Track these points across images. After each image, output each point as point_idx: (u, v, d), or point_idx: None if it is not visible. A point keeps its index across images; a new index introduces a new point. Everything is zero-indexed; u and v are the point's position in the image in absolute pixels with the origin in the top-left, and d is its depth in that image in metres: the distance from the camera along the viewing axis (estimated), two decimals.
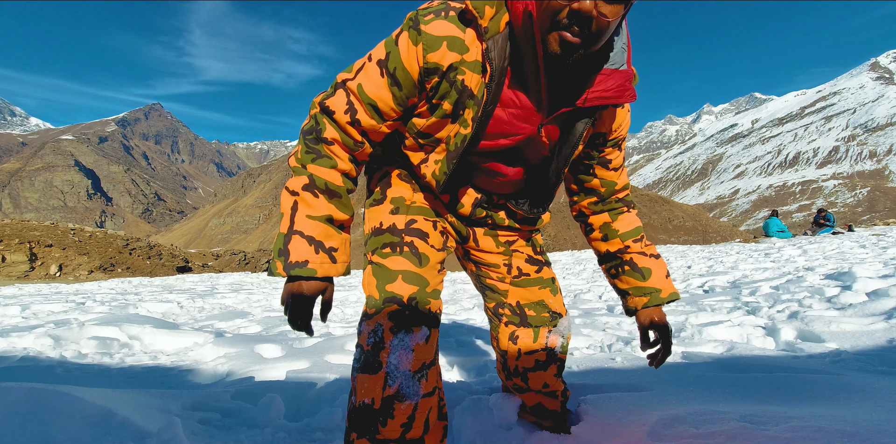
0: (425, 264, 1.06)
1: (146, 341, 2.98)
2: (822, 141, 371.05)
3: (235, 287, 8.46)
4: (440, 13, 0.91)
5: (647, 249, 1.23)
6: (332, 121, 0.98)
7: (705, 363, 2.04)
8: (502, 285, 1.26)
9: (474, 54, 0.91)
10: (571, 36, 0.81)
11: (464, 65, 0.92)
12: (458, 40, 0.90)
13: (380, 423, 0.94)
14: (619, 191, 1.22)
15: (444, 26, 0.90)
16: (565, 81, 0.94)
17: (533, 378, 1.26)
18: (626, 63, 0.95)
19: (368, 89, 0.95)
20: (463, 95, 0.94)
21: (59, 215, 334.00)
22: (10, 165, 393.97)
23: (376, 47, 0.98)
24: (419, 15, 0.92)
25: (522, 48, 0.92)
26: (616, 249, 1.23)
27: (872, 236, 9.62)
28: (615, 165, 1.18)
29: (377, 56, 0.95)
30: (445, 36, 0.90)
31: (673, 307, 3.53)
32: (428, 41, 0.90)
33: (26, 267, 16.28)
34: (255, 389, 1.84)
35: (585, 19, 0.80)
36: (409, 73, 0.93)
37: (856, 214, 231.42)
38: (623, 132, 1.13)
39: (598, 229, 1.24)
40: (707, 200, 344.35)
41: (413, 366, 0.97)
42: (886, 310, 2.56)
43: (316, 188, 0.96)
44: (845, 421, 1.07)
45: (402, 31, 0.93)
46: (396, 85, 0.94)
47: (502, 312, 1.27)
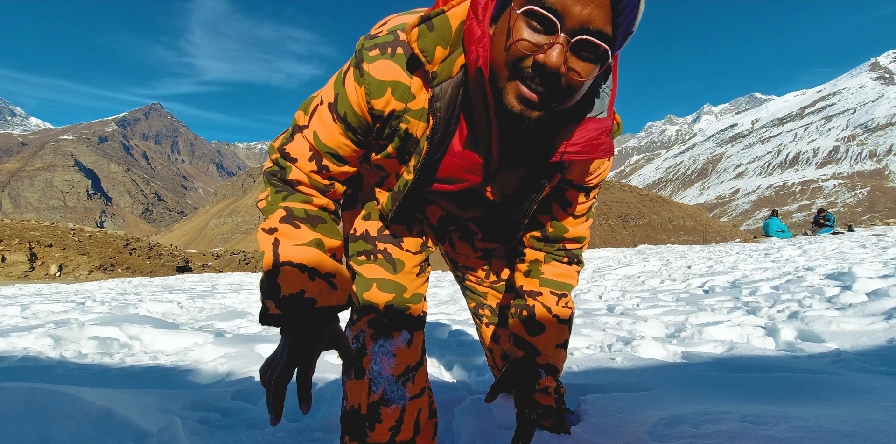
0: (400, 269, 1.04)
1: (146, 341, 2.98)
2: (822, 141, 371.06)
3: (235, 287, 8.46)
4: (386, 50, 0.78)
5: (559, 309, 1.06)
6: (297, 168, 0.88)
7: (705, 363, 2.04)
8: (481, 288, 1.25)
9: (421, 101, 0.80)
10: (529, 90, 0.67)
11: (408, 113, 0.81)
12: (403, 87, 0.79)
13: (367, 428, 0.95)
14: (567, 240, 1.06)
15: (389, 69, 0.78)
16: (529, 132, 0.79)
17: None
18: (605, 110, 0.80)
19: (325, 138, 0.84)
20: (407, 143, 0.85)
21: (59, 215, 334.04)
22: (10, 165, 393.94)
23: (328, 84, 0.87)
24: (364, 48, 0.79)
25: (473, 98, 0.80)
26: (529, 289, 1.08)
27: (872, 235, 9.62)
28: (575, 212, 1.02)
29: (327, 98, 0.85)
30: (389, 81, 0.78)
31: (673, 307, 3.53)
32: (371, 86, 0.78)
33: (26, 267, 16.28)
34: (255, 389, 1.84)
35: (552, 75, 0.65)
36: (359, 116, 0.83)
37: (856, 214, 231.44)
38: (596, 181, 0.99)
39: (528, 262, 1.11)
40: (707, 200, 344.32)
41: (396, 371, 0.97)
42: (886, 310, 2.56)
43: (295, 219, 0.85)
44: (845, 421, 1.07)
45: (349, 67, 0.82)
46: (351, 130, 0.84)
47: (482, 313, 1.28)
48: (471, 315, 1.35)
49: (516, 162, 0.88)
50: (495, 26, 0.71)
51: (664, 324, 2.96)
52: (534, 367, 1.04)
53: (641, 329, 2.85)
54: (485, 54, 0.71)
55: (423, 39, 0.74)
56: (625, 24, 0.65)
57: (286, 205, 0.86)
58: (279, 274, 0.82)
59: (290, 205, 0.87)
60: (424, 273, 1.10)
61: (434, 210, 1.09)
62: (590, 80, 0.67)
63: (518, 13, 0.65)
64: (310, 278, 0.83)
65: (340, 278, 0.88)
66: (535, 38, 0.64)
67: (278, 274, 0.82)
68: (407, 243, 1.07)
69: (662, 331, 2.86)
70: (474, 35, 0.72)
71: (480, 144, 0.85)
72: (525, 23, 0.64)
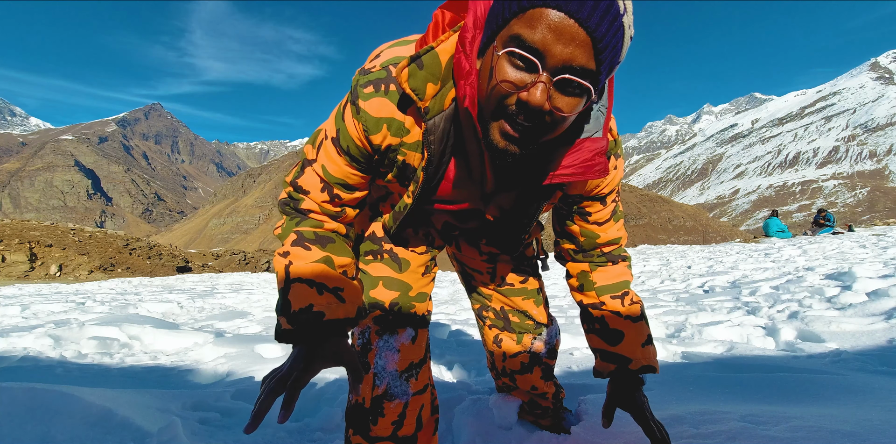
0: (406, 268, 1.07)
1: (146, 341, 2.98)
2: (822, 141, 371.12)
3: (235, 287, 8.46)
4: (380, 87, 0.81)
5: (627, 308, 1.06)
6: (309, 199, 0.92)
7: (705, 363, 2.04)
8: (487, 290, 1.27)
9: (415, 135, 0.85)
10: (512, 129, 0.69)
11: (404, 146, 0.86)
12: (397, 123, 0.83)
13: (371, 421, 0.97)
14: (602, 245, 1.06)
15: (383, 106, 0.81)
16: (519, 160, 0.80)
17: (520, 380, 1.29)
18: (601, 129, 0.81)
19: (333, 170, 0.89)
20: (405, 171, 0.90)
21: (59, 215, 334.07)
22: (10, 165, 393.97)
23: (329, 119, 0.91)
24: (359, 85, 0.82)
25: (465, 129, 0.83)
26: (590, 302, 1.09)
27: (872, 235, 9.62)
28: (596, 219, 1.02)
29: (330, 133, 0.89)
30: (384, 118, 0.82)
31: (673, 307, 3.53)
32: (367, 123, 0.82)
33: (26, 267, 16.29)
34: (255, 389, 1.84)
35: (536, 112, 0.66)
36: (361, 148, 0.87)
37: (856, 214, 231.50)
38: (607, 190, 0.98)
39: (576, 276, 1.12)
40: (707, 200, 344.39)
41: (400, 366, 0.99)
42: (886, 310, 2.56)
43: (305, 241, 0.90)
44: (845, 421, 1.07)
45: (346, 103, 0.86)
46: (356, 161, 0.89)
47: (486, 314, 1.29)
48: (474, 316, 1.35)
49: (510, 186, 0.91)
50: (481, 61, 0.72)
51: (664, 324, 2.96)
52: (632, 376, 1.05)
53: None
54: (472, 92, 0.73)
55: (414, 79, 0.77)
56: (609, 58, 0.65)
57: (298, 229, 0.91)
58: (290, 291, 0.86)
59: (301, 229, 0.91)
60: (430, 273, 1.12)
61: (438, 218, 1.12)
62: (575, 113, 0.68)
63: (499, 54, 0.65)
64: (318, 293, 0.86)
65: (349, 291, 0.90)
66: (517, 76, 0.65)
67: (289, 291, 0.86)
68: (413, 244, 1.10)
69: (662, 331, 2.86)
70: (463, 70, 0.73)
71: (474, 170, 0.89)
72: (508, 61, 0.65)
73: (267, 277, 13.10)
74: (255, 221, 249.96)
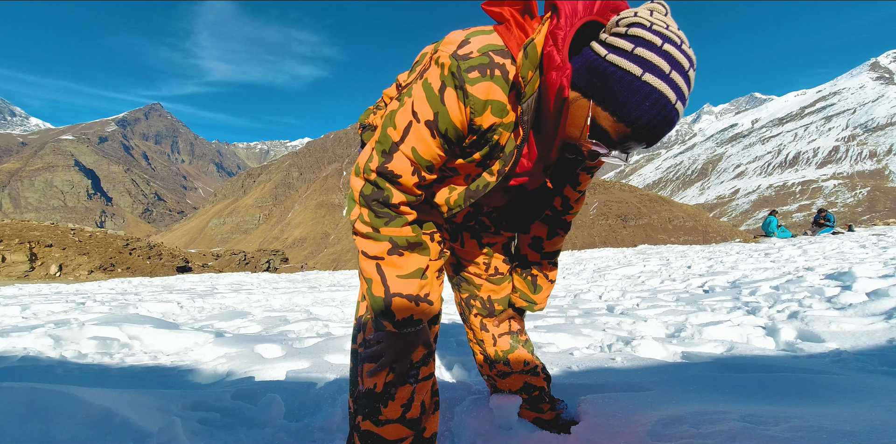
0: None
1: (146, 341, 2.98)
2: (822, 141, 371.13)
3: (235, 287, 8.47)
4: (485, 72, 0.88)
5: (550, 272, 1.38)
6: (398, 184, 0.97)
7: (705, 363, 2.04)
8: (478, 280, 1.38)
9: (512, 116, 0.94)
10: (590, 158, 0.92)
11: (501, 126, 0.94)
12: (501, 105, 0.91)
13: (381, 404, 1.05)
14: (570, 213, 1.30)
15: (490, 90, 0.89)
16: None
17: (514, 360, 1.37)
18: None
19: (424, 152, 0.95)
20: (495, 150, 0.98)
21: (59, 215, 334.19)
22: (10, 165, 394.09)
23: (418, 102, 0.94)
24: (462, 71, 0.88)
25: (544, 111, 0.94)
26: (533, 259, 1.36)
27: (872, 235, 9.62)
28: (581, 188, 1.27)
29: (424, 116, 0.93)
30: (490, 100, 0.90)
31: (673, 307, 3.53)
32: (475, 105, 0.90)
33: (26, 267, 16.29)
34: (255, 389, 1.84)
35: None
36: (459, 130, 0.94)
37: (856, 214, 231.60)
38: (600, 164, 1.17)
39: (531, 237, 1.35)
40: (707, 200, 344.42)
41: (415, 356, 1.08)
42: (886, 310, 2.56)
43: (400, 249, 0.99)
44: (845, 421, 1.07)
45: (447, 87, 0.90)
46: (448, 143, 0.95)
47: (473, 303, 1.39)
48: (458, 309, 1.47)
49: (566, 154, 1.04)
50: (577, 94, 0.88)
51: (664, 324, 2.96)
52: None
53: (641, 329, 2.85)
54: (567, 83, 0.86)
55: (524, 67, 0.87)
56: None
57: (388, 233, 0.99)
58: (392, 303, 1.00)
59: (392, 233, 0.99)
60: (441, 277, 1.22)
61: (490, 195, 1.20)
62: None
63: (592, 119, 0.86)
64: (415, 305, 1.02)
65: (435, 293, 1.09)
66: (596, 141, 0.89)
67: (391, 303, 1.00)
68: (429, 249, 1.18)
69: (662, 331, 2.86)
70: (554, 62, 0.85)
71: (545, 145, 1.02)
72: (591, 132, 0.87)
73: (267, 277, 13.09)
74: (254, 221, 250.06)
